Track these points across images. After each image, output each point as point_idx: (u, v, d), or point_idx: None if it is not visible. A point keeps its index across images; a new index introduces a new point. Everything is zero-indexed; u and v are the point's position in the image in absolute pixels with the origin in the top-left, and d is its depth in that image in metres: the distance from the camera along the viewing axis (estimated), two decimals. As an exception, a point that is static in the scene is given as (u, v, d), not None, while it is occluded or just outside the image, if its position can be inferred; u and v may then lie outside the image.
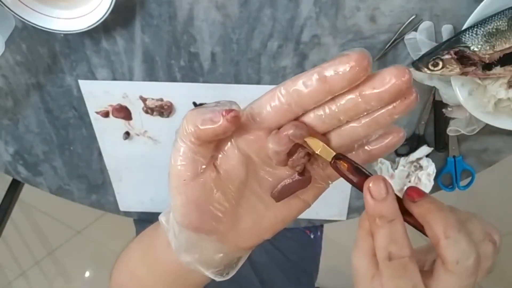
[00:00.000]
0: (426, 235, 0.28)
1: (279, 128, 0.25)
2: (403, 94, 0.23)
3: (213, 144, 0.26)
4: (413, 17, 0.53)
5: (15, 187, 1.28)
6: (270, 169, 0.28)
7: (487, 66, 0.49)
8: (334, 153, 0.27)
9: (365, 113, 0.24)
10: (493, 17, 0.47)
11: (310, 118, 0.25)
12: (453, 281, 0.27)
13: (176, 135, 0.26)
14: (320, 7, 0.53)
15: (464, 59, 0.49)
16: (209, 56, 0.59)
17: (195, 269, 0.31)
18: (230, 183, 0.27)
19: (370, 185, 0.26)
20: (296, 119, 0.25)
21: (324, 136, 0.26)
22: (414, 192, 0.29)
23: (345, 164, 0.27)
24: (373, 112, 0.24)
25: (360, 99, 0.23)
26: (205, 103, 0.64)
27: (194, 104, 0.64)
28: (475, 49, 0.48)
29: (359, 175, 0.27)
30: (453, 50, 0.49)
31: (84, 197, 0.80)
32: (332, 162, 0.27)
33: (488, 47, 0.48)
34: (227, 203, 0.28)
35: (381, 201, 0.26)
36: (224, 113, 0.23)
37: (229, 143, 0.27)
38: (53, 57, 0.61)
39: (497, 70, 0.49)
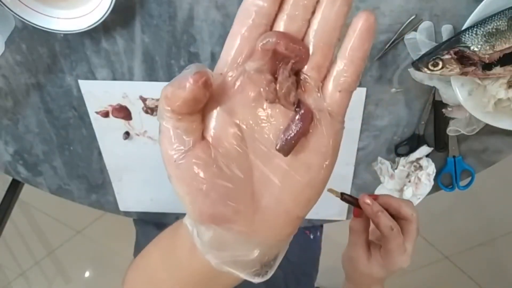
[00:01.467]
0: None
1: None
2: None
3: (195, 116, 0.23)
4: (413, 17, 0.53)
5: (15, 187, 1.28)
6: (268, 124, 0.24)
7: (487, 66, 0.49)
8: (340, 192, 0.50)
9: None
10: (493, 17, 0.47)
11: (280, 24, 0.23)
12: (414, 226, 0.49)
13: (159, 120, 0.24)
14: (320, 7, 0.53)
15: (464, 59, 0.49)
16: (209, 56, 0.59)
17: (227, 272, 0.26)
18: (228, 153, 0.23)
19: (365, 200, 0.49)
20: None
21: (302, 42, 0.23)
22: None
23: (347, 196, 0.50)
24: None
25: None
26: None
27: (194, 104, 0.64)
28: (475, 49, 0.48)
29: (355, 199, 0.50)
30: (453, 50, 0.49)
31: (84, 197, 0.80)
32: (341, 197, 0.50)
33: (488, 47, 0.48)
34: (232, 178, 0.23)
35: (372, 205, 0.49)
36: (190, 78, 0.21)
37: (215, 110, 0.23)
38: (53, 57, 0.61)
39: (497, 70, 0.49)
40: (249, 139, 0.24)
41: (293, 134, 0.23)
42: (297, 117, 0.23)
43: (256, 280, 0.27)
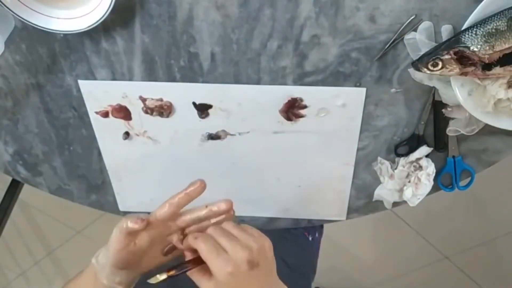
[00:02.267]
0: None
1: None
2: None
3: (134, 234, 0.50)
4: (412, 17, 0.53)
5: (14, 187, 1.28)
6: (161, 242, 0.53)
7: (487, 66, 0.49)
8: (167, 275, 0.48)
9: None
10: (493, 17, 0.47)
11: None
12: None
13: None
14: (320, 7, 0.53)
15: (463, 59, 0.49)
16: (209, 56, 0.59)
17: None
18: (141, 249, 0.51)
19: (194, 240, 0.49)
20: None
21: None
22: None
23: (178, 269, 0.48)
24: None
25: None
26: (205, 103, 0.65)
27: (194, 104, 0.64)
28: (475, 49, 0.48)
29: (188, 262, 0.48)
30: (452, 50, 0.49)
31: (84, 197, 0.80)
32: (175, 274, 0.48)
33: (487, 47, 0.48)
34: (138, 257, 0.52)
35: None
36: (138, 221, 0.48)
37: (143, 233, 0.51)
38: (52, 57, 0.61)
39: (497, 70, 0.49)
40: (151, 243, 0.52)
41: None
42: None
43: None
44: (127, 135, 0.69)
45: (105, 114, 0.67)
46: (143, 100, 0.64)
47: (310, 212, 0.78)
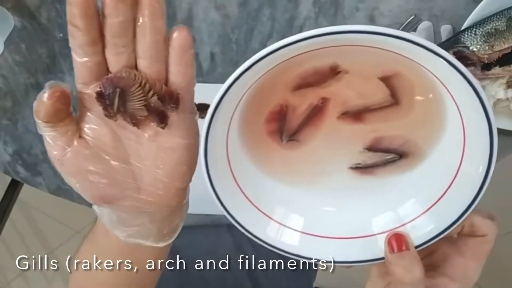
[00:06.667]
0: None
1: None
2: None
3: (66, 121, 0.28)
4: (412, 17, 0.53)
5: (14, 187, 1.28)
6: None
7: (486, 66, 0.49)
8: None
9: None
10: (492, 17, 0.48)
11: (110, 59, 0.26)
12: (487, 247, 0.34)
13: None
14: (319, 7, 0.53)
15: (463, 59, 0.49)
16: (208, 56, 0.59)
17: (136, 244, 0.33)
18: (104, 147, 0.28)
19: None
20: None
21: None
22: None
23: None
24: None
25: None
26: (205, 103, 0.64)
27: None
28: (474, 49, 0.48)
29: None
30: (452, 50, 0.49)
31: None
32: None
33: (487, 47, 0.48)
34: (112, 167, 0.29)
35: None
36: (44, 94, 0.26)
37: (88, 114, 0.28)
38: (52, 57, 0.61)
39: (496, 70, 0.49)
40: (121, 133, 0.29)
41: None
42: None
43: (161, 244, 0.33)
44: (126, 135, 0.69)
45: (105, 114, 0.67)
46: (143, 100, 0.64)
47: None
